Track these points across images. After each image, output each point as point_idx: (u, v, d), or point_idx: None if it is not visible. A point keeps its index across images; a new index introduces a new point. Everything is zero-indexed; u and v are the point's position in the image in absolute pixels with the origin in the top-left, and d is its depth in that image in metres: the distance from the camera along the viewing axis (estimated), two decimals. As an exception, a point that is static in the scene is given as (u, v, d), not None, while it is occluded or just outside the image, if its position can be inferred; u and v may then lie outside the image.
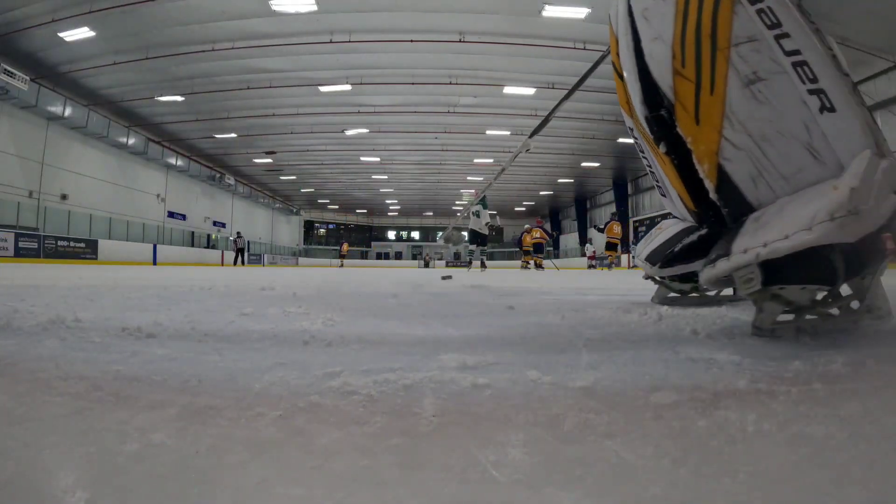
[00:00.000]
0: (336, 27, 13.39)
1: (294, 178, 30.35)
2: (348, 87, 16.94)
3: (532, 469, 0.50)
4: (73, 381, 0.80)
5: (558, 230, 37.52)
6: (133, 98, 17.96)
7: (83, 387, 0.77)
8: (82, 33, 13.08)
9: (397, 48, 14.20)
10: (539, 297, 2.85)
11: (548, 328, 1.49)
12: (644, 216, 26.21)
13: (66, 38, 13.31)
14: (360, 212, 43.35)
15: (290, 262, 34.03)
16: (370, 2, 12.30)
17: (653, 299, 2.11)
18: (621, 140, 20.84)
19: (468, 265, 10.55)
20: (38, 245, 14.59)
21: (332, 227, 44.30)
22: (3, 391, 0.74)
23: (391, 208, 41.59)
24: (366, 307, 2.14)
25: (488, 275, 8.34)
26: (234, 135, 22.10)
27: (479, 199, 10.16)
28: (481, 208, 10.12)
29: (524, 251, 15.65)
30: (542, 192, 33.40)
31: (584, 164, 25.49)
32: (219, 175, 27.37)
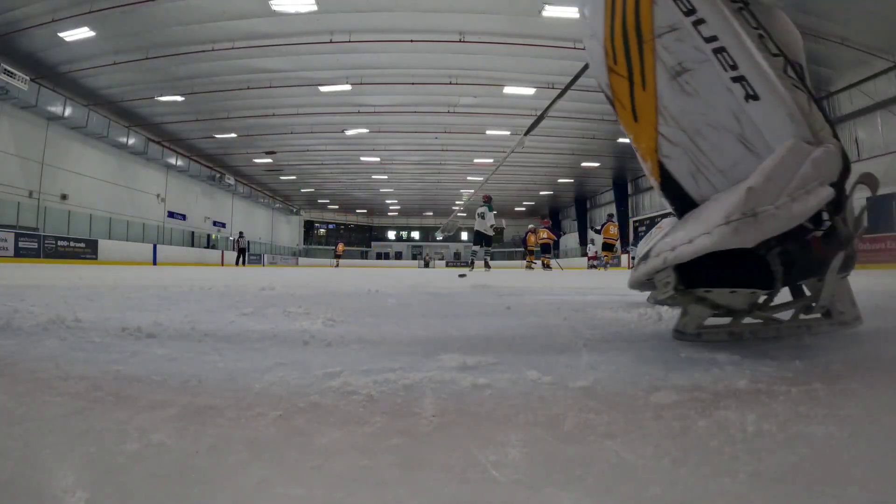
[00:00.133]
0: (336, 27, 13.40)
1: (294, 178, 30.36)
2: (348, 87, 16.95)
3: (532, 469, 0.50)
4: (73, 381, 0.80)
5: (559, 230, 37.51)
6: (133, 98, 17.98)
7: (83, 387, 0.77)
8: (82, 33, 13.10)
9: (397, 48, 14.21)
10: (539, 297, 2.85)
11: (548, 328, 1.49)
12: (644, 216, 26.21)
13: (66, 38, 13.32)
14: (360, 212, 43.35)
15: (290, 263, 34.00)
16: (370, 2, 12.32)
17: (649, 299, 2.11)
18: (621, 140, 20.84)
19: (470, 265, 10.52)
20: (38, 245, 14.60)
21: (332, 227, 44.26)
22: (3, 391, 0.74)
23: (391, 208, 41.59)
24: (365, 308, 2.14)
25: (491, 275, 8.37)
26: (234, 135, 22.11)
27: (486, 202, 10.17)
28: (486, 210, 10.12)
29: (529, 251, 15.64)
30: (542, 192, 33.42)
31: (584, 164, 25.51)
32: (219, 175, 27.37)
